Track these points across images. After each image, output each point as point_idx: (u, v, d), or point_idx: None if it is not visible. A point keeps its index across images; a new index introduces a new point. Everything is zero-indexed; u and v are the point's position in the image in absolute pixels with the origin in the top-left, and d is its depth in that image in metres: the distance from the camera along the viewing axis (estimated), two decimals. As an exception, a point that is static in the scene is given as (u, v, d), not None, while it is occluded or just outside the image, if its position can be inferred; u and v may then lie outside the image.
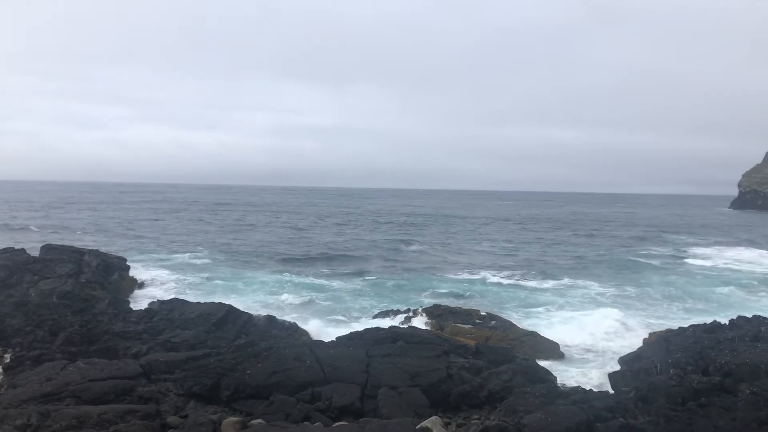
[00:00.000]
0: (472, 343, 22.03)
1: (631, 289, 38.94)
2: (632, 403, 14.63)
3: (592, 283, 41.55)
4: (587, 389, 17.53)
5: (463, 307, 30.57)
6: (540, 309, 33.02)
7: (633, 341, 24.92)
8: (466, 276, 44.29)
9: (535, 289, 39.25)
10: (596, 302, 34.97)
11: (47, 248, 37.28)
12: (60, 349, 20.96)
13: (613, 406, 14.38)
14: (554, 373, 19.07)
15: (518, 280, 42.59)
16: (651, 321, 30.17)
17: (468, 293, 37.32)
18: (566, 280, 42.44)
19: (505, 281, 42.16)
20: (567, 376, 21.28)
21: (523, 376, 17.44)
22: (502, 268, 48.33)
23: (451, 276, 44.35)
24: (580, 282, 41.91)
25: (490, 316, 28.24)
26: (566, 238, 76.43)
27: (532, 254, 58.82)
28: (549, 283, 41.28)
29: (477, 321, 27.45)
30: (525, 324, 28.48)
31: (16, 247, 37.67)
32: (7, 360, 20.59)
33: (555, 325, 29.31)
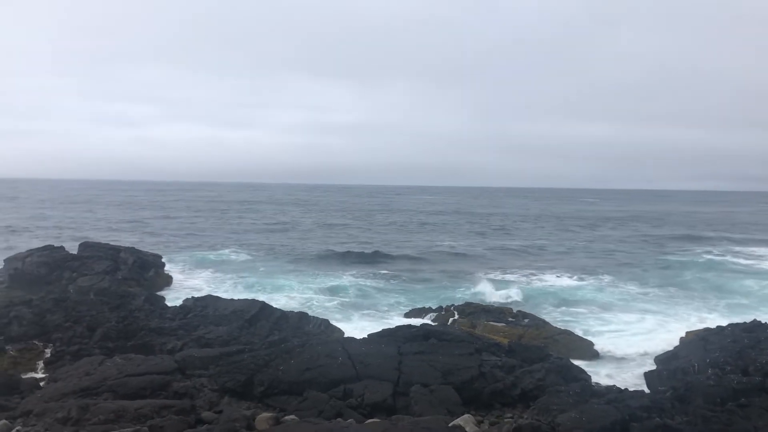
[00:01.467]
0: (505, 341, 21.88)
1: (671, 289, 38.11)
2: (669, 403, 14.37)
3: (631, 281, 40.87)
4: (622, 388, 17.29)
5: (496, 305, 30.40)
6: (576, 307, 32.60)
7: (669, 340, 24.46)
8: (498, 274, 44.01)
9: (572, 287, 38.81)
10: (633, 301, 34.44)
11: (85, 245, 38.06)
12: (98, 344, 21.39)
13: (649, 406, 14.13)
14: (588, 372, 18.86)
15: (554, 277, 42.16)
16: (689, 320, 29.59)
17: (501, 291, 37.07)
18: (604, 278, 41.91)
19: (540, 279, 41.79)
20: (601, 375, 21.03)
21: (557, 375, 17.27)
22: (536, 265, 47.93)
23: (484, 274, 44.10)
24: (618, 280, 41.31)
25: (523, 314, 28.03)
26: (602, 235, 75.45)
27: (568, 252, 58.15)
28: (587, 281, 40.80)
29: (510, 319, 27.26)
30: (560, 323, 28.18)
31: (55, 244, 38.53)
32: (48, 355, 21.09)
33: (591, 323, 28.97)
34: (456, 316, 27.92)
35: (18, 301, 26.14)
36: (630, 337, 26.39)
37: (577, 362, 19.78)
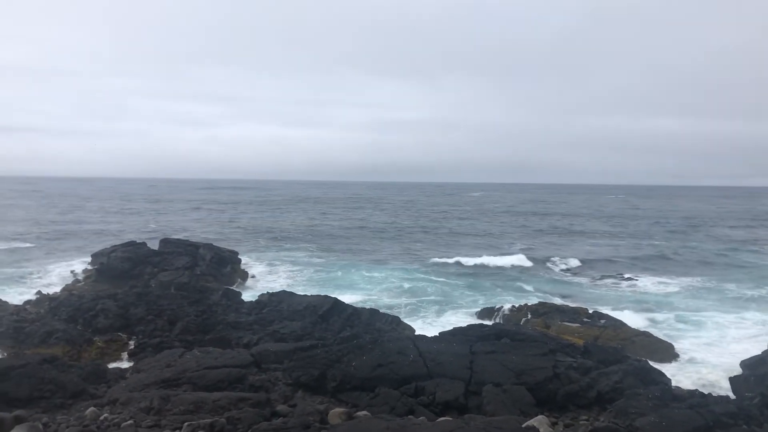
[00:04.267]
0: (580, 342, 21.37)
1: (763, 291, 36.29)
2: (756, 410, 13.71)
3: (724, 282, 39.11)
4: (706, 393, 16.59)
5: (571, 305, 29.72)
6: (658, 308, 31.44)
7: (758, 344, 23.29)
8: (574, 274, 43.04)
9: (653, 288, 37.54)
10: (720, 303, 32.97)
11: (165, 242, 39.53)
12: (178, 337, 22.20)
13: (734, 412, 13.51)
14: (669, 376, 18.16)
15: (634, 277, 40.80)
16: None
17: (576, 291, 36.23)
18: (691, 279, 40.33)
19: (620, 279, 40.53)
20: (683, 378, 20.21)
21: (635, 378, 16.72)
22: (617, 265, 46.57)
23: (559, 273, 43.23)
24: (707, 282, 39.64)
25: (599, 315, 27.29)
26: (687, 234, 72.49)
27: (651, 252, 55.98)
28: (672, 282, 39.37)
29: (585, 319, 26.60)
30: (640, 323, 27.28)
31: (138, 240, 40.19)
32: (132, 346, 22.03)
33: (672, 325, 27.88)
34: (529, 316, 27.46)
35: (104, 294, 27.47)
36: (714, 341, 25.27)
37: (656, 365, 19.11)
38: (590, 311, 27.83)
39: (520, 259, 47.70)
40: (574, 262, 47.41)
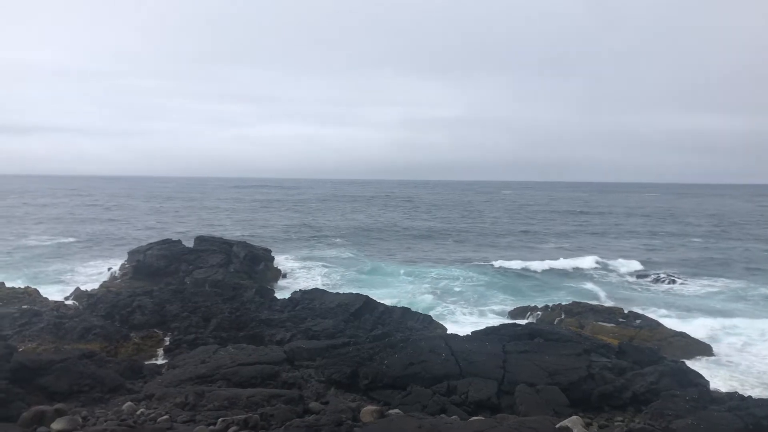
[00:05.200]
0: (615, 342, 21.08)
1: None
2: (799, 414, 13.33)
3: (764, 286, 38.23)
4: (745, 396, 16.20)
5: (605, 305, 29.32)
6: (696, 310, 30.82)
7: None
8: (608, 272, 42.45)
9: (693, 288, 36.86)
10: (761, 305, 32.21)
11: (200, 239, 40.04)
12: (212, 334, 22.44)
13: (775, 416, 13.18)
14: (706, 377, 17.78)
15: (671, 278, 40.04)
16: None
17: (611, 290, 35.73)
18: (734, 282, 39.43)
19: (657, 280, 39.80)
20: (721, 380, 19.77)
21: (672, 379, 16.43)
22: (655, 265, 45.76)
23: (592, 272, 42.68)
24: (750, 284, 38.72)
25: (635, 315, 26.87)
26: (733, 235, 70.86)
27: (690, 252, 54.93)
28: (715, 283, 38.62)
29: (620, 319, 26.22)
30: (676, 324, 26.79)
31: (173, 238, 40.80)
32: (167, 343, 22.34)
33: (709, 325, 27.28)
34: (563, 316, 27.17)
35: (140, 291, 27.93)
36: (754, 342, 24.67)
37: (693, 366, 18.75)
38: (626, 311, 27.43)
39: (553, 255, 47.20)
40: (633, 265, 45.84)
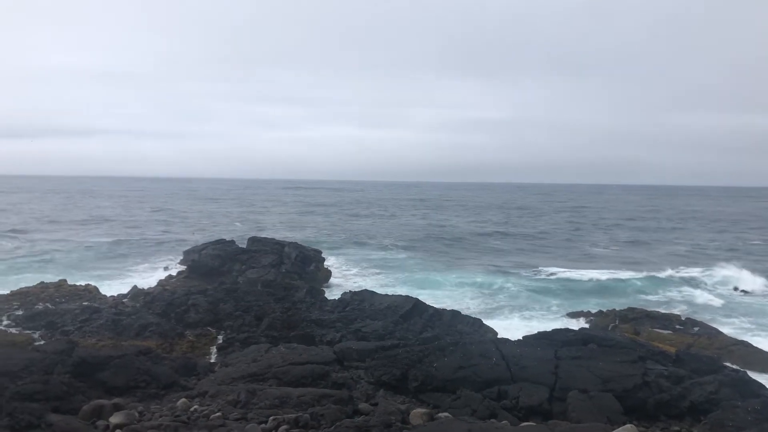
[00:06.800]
0: (672, 349, 20.47)
1: None
2: None
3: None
4: (812, 409, 15.50)
5: (662, 312, 28.54)
6: (761, 318, 29.69)
7: None
8: (666, 278, 41.28)
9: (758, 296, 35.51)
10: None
11: (253, 240, 40.70)
12: (264, 333, 22.74)
13: None
14: (770, 388, 17.11)
15: (735, 286, 38.69)
16: None
17: (669, 297, 34.75)
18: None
19: (716, 286, 38.53)
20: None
21: (732, 389, 15.85)
22: (713, 270, 44.28)
23: (648, 278, 41.55)
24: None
25: (692, 322, 26.10)
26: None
27: (753, 258, 52.98)
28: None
29: (677, 326, 25.51)
30: (738, 333, 25.87)
31: (226, 238, 41.56)
32: (220, 341, 22.75)
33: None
34: (617, 322, 26.56)
35: (195, 290, 28.54)
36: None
37: (756, 377, 18.06)
38: (683, 318, 26.66)
39: (607, 260, 46.17)
40: (666, 265, 45.19)
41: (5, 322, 23.65)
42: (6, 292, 27.97)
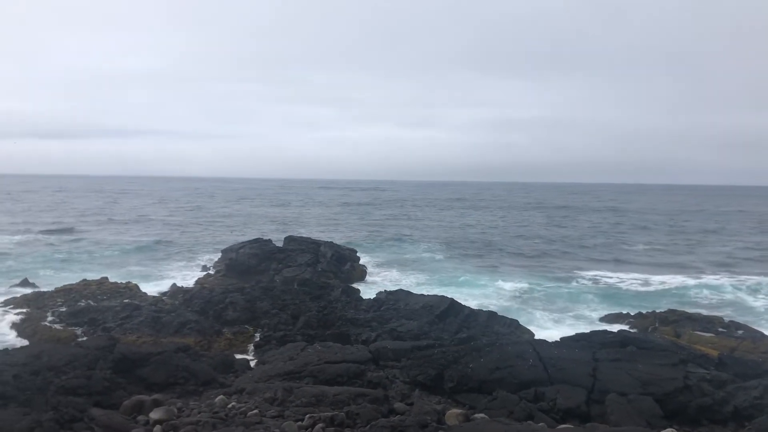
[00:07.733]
0: (715, 353, 20.01)
1: None
2: None
3: None
4: None
5: (704, 314, 27.89)
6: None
7: None
8: (708, 281, 40.36)
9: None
10: None
11: (289, 239, 41.06)
12: (300, 331, 22.93)
13: None
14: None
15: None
16: None
17: (710, 299, 33.95)
18: None
19: (761, 288, 37.42)
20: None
21: (778, 395, 15.42)
22: (758, 272, 43.14)
23: (690, 280, 40.69)
24: None
25: (736, 325, 25.46)
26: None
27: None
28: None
29: (720, 329, 24.90)
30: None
31: (263, 237, 42.00)
32: (257, 339, 23.02)
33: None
34: (657, 324, 26.06)
35: (233, 288, 28.92)
36: None
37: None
38: (726, 320, 26.02)
39: (646, 261, 45.29)
40: (706, 268, 44.12)
41: (50, 318, 24.36)
42: (51, 288, 28.77)
